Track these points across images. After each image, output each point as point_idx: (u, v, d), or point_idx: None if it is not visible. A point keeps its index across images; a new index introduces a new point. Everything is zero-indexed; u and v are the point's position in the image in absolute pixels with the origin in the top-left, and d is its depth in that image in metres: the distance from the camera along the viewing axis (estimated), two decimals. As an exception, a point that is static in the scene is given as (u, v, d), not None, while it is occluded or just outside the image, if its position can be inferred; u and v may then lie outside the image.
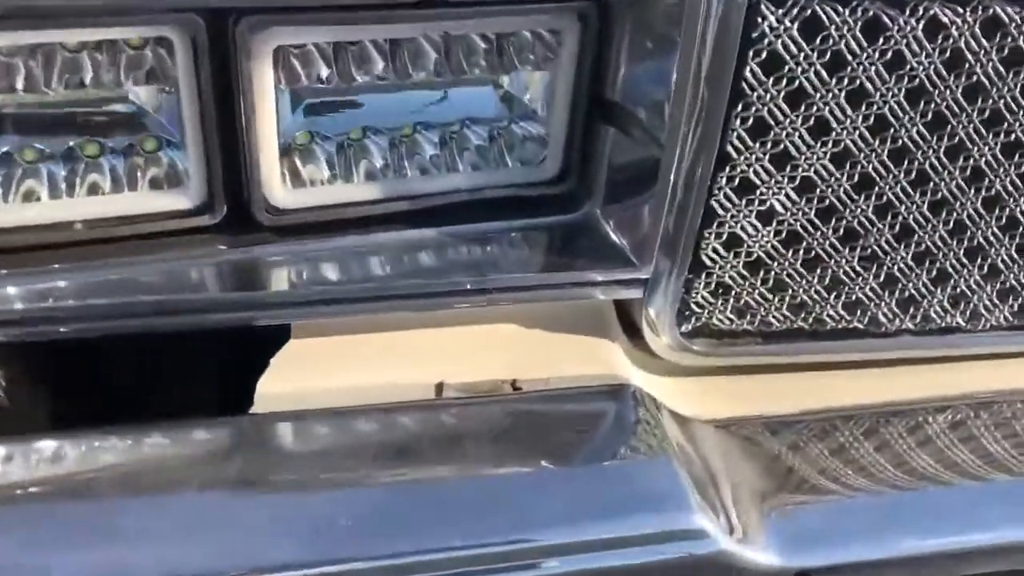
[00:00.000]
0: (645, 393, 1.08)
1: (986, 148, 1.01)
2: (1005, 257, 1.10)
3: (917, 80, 0.95)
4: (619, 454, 1.02)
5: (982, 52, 0.95)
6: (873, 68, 0.93)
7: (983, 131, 1.00)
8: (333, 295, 0.99)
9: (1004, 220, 1.07)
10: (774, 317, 1.11)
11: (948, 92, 0.96)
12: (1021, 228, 1.08)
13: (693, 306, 1.08)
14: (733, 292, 1.08)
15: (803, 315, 1.11)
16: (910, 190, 1.02)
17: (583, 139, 1.06)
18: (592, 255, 1.07)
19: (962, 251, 1.08)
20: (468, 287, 1.00)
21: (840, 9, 0.90)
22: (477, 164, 1.06)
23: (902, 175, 1.01)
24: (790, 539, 0.99)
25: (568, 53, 1.00)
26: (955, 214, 1.05)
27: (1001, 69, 0.96)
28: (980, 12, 0.93)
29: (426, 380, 1.04)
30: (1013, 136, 1.01)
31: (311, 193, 1.00)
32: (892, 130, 0.98)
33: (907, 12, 0.91)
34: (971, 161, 1.02)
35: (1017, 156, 1.03)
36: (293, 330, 1.05)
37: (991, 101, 0.98)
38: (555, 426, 1.04)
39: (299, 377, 1.01)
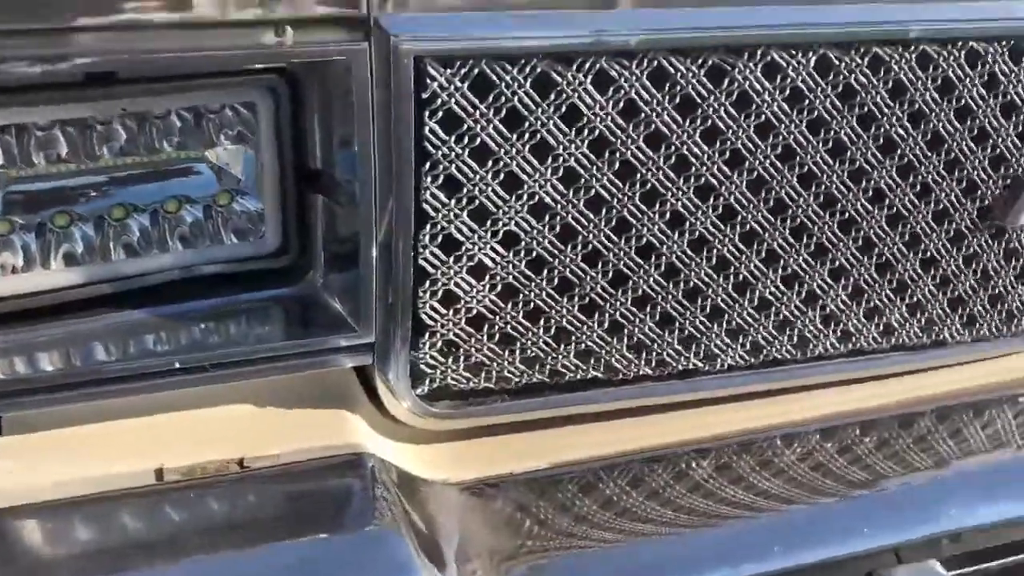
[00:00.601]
0: (380, 461, 1.07)
1: (672, 194, 1.05)
2: (724, 296, 1.14)
3: (597, 132, 0.99)
4: (346, 526, 1.00)
5: (655, 101, 0.99)
6: (551, 122, 0.97)
7: (673, 176, 1.04)
8: (34, 385, 0.96)
9: (714, 260, 1.11)
10: (509, 372, 1.11)
11: (630, 141, 1.00)
12: (732, 268, 1.12)
13: (424, 367, 1.08)
14: (462, 349, 1.08)
15: (539, 368, 1.12)
16: (614, 237, 1.05)
17: (298, 210, 1.06)
18: (315, 324, 1.06)
19: (680, 293, 1.11)
20: (177, 366, 0.98)
21: (508, 67, 0.93)
22: (191, 241, 1.05)
23: (603, 223, 1.04)
24: (527, 598, 0.98)
25: (266, 126, 1.00)
26: (664, 258, 1.08)
27: (678, 117, 1.01)
28: (646, 64, 0.97)
29: (145, 466, 1.00)
30: (698, 176, 1.06)
31: (4, 282, 0.97)
32: (583, 180, 1.01)
33: (575, 67, 0.95)
34: (668, 205, 1.05)
35: (704, 191, 1.07)
36: (5, 426, 1.01)
37: (673, 148, 1.02)
38: (280, 503, 1.02)
39: (5, 473, 0.97)
